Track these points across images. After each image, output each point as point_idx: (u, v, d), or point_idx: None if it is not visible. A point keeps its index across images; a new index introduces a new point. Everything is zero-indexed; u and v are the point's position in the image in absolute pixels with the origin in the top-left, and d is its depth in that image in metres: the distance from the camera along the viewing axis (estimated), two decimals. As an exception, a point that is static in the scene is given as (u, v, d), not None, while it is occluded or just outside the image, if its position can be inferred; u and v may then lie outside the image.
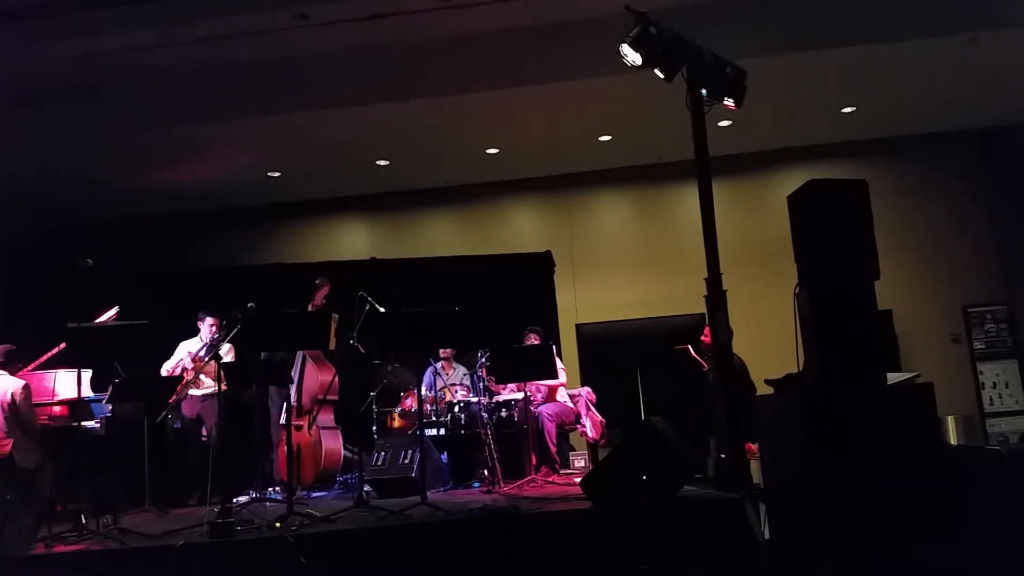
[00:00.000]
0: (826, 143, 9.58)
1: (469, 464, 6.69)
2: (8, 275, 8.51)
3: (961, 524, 3.93)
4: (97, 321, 6.03)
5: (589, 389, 7.28)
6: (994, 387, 8.48)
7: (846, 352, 4.25)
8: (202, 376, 6.52)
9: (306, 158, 9.09)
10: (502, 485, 6.01)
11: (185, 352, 6.71)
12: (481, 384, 6.85)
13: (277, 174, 9.48)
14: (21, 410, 5.49)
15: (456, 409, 6.76)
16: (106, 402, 6.01)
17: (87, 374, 6.37)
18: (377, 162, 9.33)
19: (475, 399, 6.77)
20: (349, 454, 6.82)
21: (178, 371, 6.57)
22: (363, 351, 6.17)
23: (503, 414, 6.74)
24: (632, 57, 5.15)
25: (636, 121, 8.57)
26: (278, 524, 4.65)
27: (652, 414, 5.76)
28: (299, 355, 6.59)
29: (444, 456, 6.69)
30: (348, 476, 6.79)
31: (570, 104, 8.10)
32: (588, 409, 7.06)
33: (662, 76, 5.17)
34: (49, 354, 6.20)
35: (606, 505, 4.55)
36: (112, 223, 9.91)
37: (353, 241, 10.39)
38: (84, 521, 4.99)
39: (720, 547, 4.23)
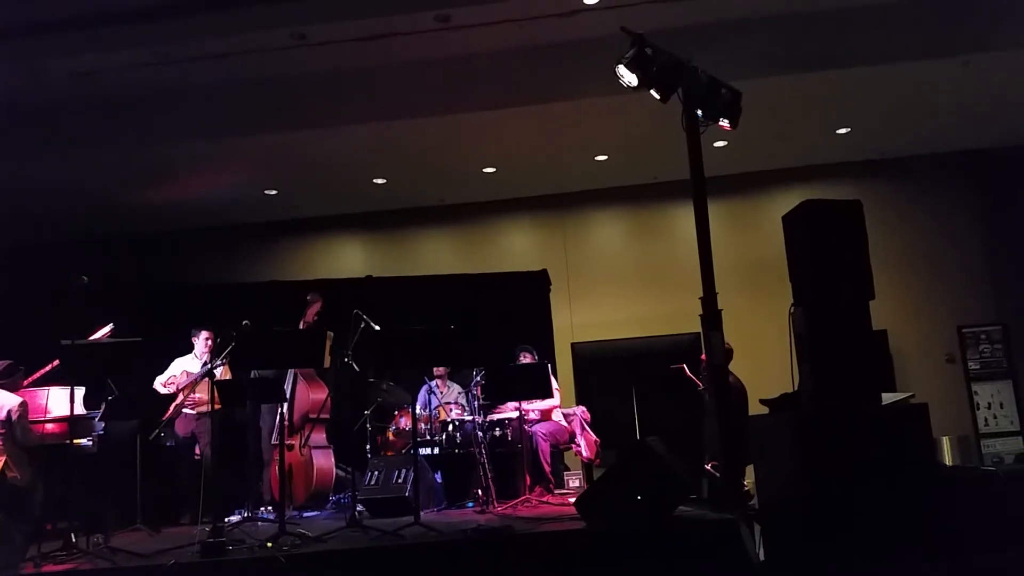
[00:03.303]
0: (821, 164, 9.63)
1: (463, 484, 6.65)
2: (2, 291, 8.49)
3: (956, 545, 3.92)
4: (91, 338, 6.01)
5: (584, 408, 7.27)
6: (989, 408, 8.47)
7: (841, 372, 4.26)
8: (197, 394, 6.49)
9: (303, 176, 9.11)
10: (496, 505, 5.98)
11: (180, 370, 6.68)
12: (476, 403, 6.83)
13: (274, 192, 9.49)
14: (17, 427, 5.45)
15: (450, 428, 6.73)
16: (99, 419, 5.97)
17: (80, 391, 6.33)
18: (374, 180, 9.36)
19: (470, 418, 6.75)
20: (342, 473, 6.78)
21: (172, 388, 6.55)
22: (357, 369, 6.15)
23: (497, 433, 6.72)
24: (628, 78, 5.19)
25: (632, 141, 8.61)
26: (270, 544, 4.60)
27: (647, 434, 5.73)
28: (290, 373, 6.57)
29: (438, 475, 6.65)
30: (341, 495, 6.74)
31: (566, 124, 8.14)
32: (583, 428, 7.03)
33: (658, 97, 5.21)
34: (42, 371, 6.17)
35: (600, 525, 4.52)
36: (108, 239, 9.91)
37: (349, 259, 10.39)
38: (74, 540, 4.94)
39: (715, 568, 4.20)
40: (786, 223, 4.69)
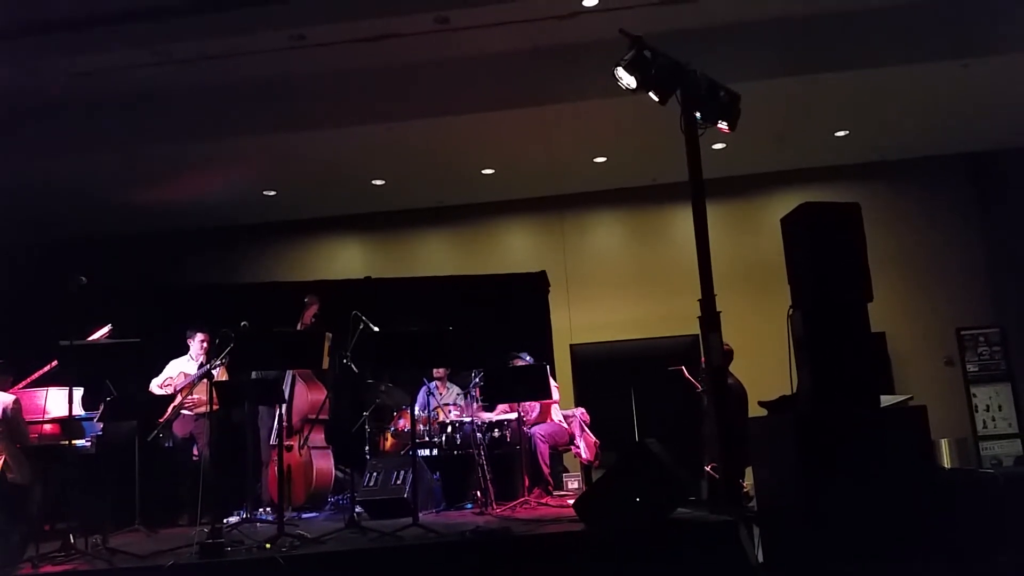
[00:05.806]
0: (820, 166, 9.63)
1: (462, 485, 6.65)
2: (1, 291, 8.48)
3: (955, 547, 3.92)
4: (90, 339, 6.00)
5: (583, 410, 7.26)
6: (987, 410, 8.46)
7: (839, 374, 4.27)
8: (195, 395, 6.48)
9: (302, 177, 9.11)
10: (495, 507, 5.97)
11: (176, 371, 6.68)
12: (475, 404, 6.83)
13: (273, 193, 9.49)
14: (12, 425, 5.44)
15: (449, 429, 6.73)
16: (97, 420, 5.97)
17: (79, 392, 6.33)
18: (373, 182, 9.36)
19: (468, 419, 6.74)
20: (341, 474, 6.78)
21: (169, 390, 6.54)
22: (356, 370, 6.15)
23: (496, 434, 6.71)
24: (627, 80, 5.20)
25: (631, 143, 8.61)
26: (268, 545, 4.61)
27: (646, 435, 5.74)
28: (289, 374, 6.56)
29: (437, 477, 6.65)
30: (339, 497, 6.74)
31: (565, 126, 8.14)
32: (582, 430, 7.03)
33: (656, 99, 5.22)
34: (41, 372, 6.17)
35: (599, 527, 4.52)
36: (106, 240, 9.90)
37: (348, 260, 10.39)
38: (72, 541, 4.93)
39: (714, 570, 4.20)
40: (785, 225, 4.70)
